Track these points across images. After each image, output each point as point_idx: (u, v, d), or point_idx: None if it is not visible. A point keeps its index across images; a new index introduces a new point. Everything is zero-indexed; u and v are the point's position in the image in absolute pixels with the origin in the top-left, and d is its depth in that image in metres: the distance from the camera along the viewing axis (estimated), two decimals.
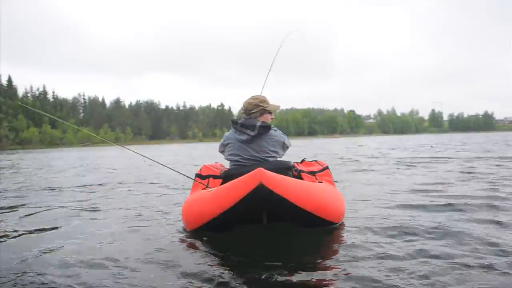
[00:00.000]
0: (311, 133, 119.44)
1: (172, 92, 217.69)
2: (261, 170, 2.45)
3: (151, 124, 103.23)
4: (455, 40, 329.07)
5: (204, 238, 2.76)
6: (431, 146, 19.49)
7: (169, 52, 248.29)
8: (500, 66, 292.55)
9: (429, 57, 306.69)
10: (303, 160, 3.90)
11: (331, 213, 2.78)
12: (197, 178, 3.37)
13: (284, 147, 3.26)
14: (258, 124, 3.08)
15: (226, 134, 3.31)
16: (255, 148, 3.11)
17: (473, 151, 13.42)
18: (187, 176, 3.56)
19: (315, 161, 3.82)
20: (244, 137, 3.11)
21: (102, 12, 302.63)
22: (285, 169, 3.05)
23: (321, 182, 3.19)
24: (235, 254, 2.51)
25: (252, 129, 3.08)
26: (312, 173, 3.38)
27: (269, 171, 2.49)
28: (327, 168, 3.51)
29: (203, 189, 3.12)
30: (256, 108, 3.20)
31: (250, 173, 2.48)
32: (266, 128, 3.11)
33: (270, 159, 3.13)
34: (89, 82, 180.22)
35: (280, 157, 3.24)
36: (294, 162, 3.73)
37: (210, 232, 2.77)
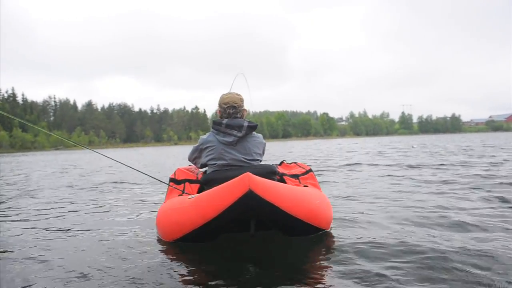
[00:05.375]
0: (286, 135, 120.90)
1: (130, 94, 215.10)
2: (249, 175, 2.22)
3: (125, 127, 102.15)
4: (407, 42, 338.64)
5: (182, 249, 2.54)
6: (412, 147, 19.90)
7: (121, 53, 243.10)
8: (455, 69, 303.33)
9: (384, 59, 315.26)
10: (282, 162, 3.72)
11: (322, 220, 2.59)
12: (171, 183, 3.06)
13: (264, 150, 3.07)
14: (246, 124, 2.85)
15: (203, 137, 2.99)
16: (240, 151, 2.85)
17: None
18: (160, 181, 3.29)
19: (295, 163, 3.63)
20: (230, 139, 2.83)
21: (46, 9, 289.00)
22: (270, 173, 2.83)
23: (306, 186, 2.98)
24: (217, 266, 2.31)
25: (239, 129, 2.83)
26: (295, 176, 3.16)
27: (257, 176, 2.27)
28: (310, 171, 3.25)
29: (179, 195, 2.88)
30: (240, 107, 2.96)
31: (236, 178, 2.24)
32: (253, 128, 2.88)
33: (255, 162, 2.91)
34: (42, 84, 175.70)
35: (261, 161, 3.04)
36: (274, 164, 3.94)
37: (188, 243, 2.53)
